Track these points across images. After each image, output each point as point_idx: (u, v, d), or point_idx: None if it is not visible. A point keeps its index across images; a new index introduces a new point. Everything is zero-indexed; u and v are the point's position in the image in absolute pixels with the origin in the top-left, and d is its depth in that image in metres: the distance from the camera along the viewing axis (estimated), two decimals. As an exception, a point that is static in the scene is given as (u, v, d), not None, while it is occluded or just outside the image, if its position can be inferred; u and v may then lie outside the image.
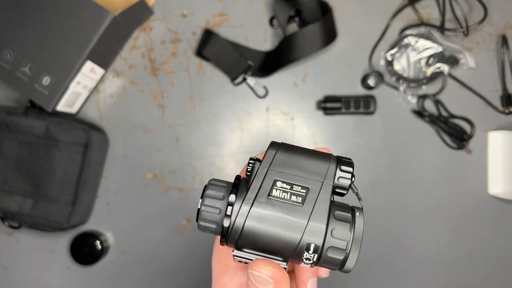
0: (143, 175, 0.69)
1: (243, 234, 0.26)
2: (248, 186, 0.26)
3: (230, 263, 0.31)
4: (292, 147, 0.28)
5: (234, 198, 0.26)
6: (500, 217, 0.70)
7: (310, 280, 0.31)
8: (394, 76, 0.70)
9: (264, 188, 0.26)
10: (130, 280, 0.69)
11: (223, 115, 0.70)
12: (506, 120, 0.71)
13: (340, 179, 0.27)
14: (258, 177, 0.27)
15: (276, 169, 0.27)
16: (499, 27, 0.71)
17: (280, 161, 0.27)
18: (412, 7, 0.70)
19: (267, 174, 0.27)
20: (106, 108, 0.69)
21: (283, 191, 0.26)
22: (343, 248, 0.26)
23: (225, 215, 0.26)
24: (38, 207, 0.63)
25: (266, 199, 0.26)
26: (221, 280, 0.31)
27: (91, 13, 0.60)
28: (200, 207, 0.26)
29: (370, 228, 0.70)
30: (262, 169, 0.27)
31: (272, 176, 0.27)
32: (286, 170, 0.27)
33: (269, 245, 0.26)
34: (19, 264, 0.69)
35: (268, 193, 0.26)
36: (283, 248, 0.26)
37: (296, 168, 0.27)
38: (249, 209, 0.26)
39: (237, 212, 0.26)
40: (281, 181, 0.27)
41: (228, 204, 0.26)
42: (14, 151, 0.62)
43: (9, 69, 0.61)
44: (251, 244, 0.26)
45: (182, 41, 0.70)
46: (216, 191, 0.27)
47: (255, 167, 0.27)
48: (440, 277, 0.70)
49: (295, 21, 0.69)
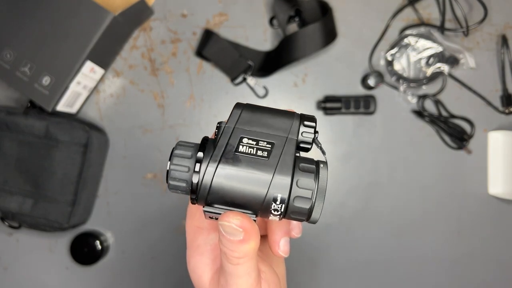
0: (143, 175, 0.69)
1: (212, 190, 0.26)
2: (215, 143, 0.27)
3: (203, 224, 0.32)
4: (257, 107, 0.29)
5: (202, 155, 0.27)
6: (500, 217, 0.70)
7: (282, 239, 0.32)
8: (394, 76, 0.70)
9: (231, 144, 0.27)
10: (130, 280, 0.69)
11: (223, 115, 0.70)
12: (506, 120, 0.71)
13: (303, 134, 0.28)
14: (225, 135, 0.27)
15: (242, 127, 0.28)
16: (499, 27, 0.71)
17: (245, 119, 0.28)
18: (412, 7, 0.70)
19: (233, 131, 0.27)
20: (106, 108, 0.69)
21: (249, 147, 0.27)
22: (308, 197, 0.27)
23: (194, 172, 0.26)
24: (38, 207, 0.63)
25: (233, 154, 0.27)
26: (195, 243, 0.32)
27: (91, 13, 0.60)
28: (169, 166, 0.27)
29: (369, 227, 0.70)
30: (228, 127, 0.28)
31: (238, 133, 0.27)
32: (252, 128, 0.28)
33: (238, 199, 0.27)
34: (19, 264, 0.69)
35: (235, 149, 0.27)
36: (252, 201, 0.27)
37: (262, 125, 0.28)
38: (216, 165, 0.26)
39: (205, 168, 0.26)
40: (247, 138, 0.27)
41: (196, 161, 0.27)
42: (14, 151, 0.62)
43: (9, 69, 0.61)
44: (221, 199, 0.27)
45: (182, 41, 0.70)
46: (184, 150, 0.28)
47: (221, 126, 0.28)
48: (440, 277, 0.70)
49: (295, 21, 0.69)
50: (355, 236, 0.70)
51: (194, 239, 0.32)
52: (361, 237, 0.70)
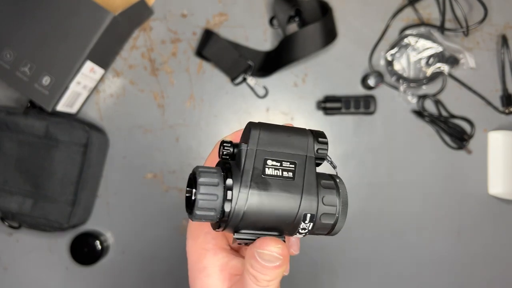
0: (143, 175, 0.69)
1: (245, 216, 0.26)
2: (242, 168, 0.27)
3: (208, 246, 0.31)
4: (271, 126, 0.29)
5: (232, 182, 0.26)
6: (500, 217, 0.70)
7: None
8: (394, 76, 0.70)
9: (257, 168, 0.27)
10: (130, 280, 0.69)
11: (223, 115, 0.70)
12: (506, 120, 0.71)
13: (319, 151, 0.29)
14: (249, 158, 0.27)
15: (264, 149, 0.27)
16: (499, 27, 0.71)
17: (265, 140, 0.28)
18: (412, 7, 0.70)
19: (256, 154, 0.27)
20: (106, 108, 0.69)
21: (275, 169, 0.27)
22: (333, 213, 0.28)
23: (226, 200, 0.26)
24: (38, 207, 0.63)
25: (261, 178, 0.27)
26: (199, 264, 0.31)
27: (91, 13, 0.60)
28: (196, 196, 0.26)
29: (370, 227, 0.70)
30: (251, 150, 0.27)
31: (261, 155, 0.27)
32: (273, 148, 0.28)
33: (269, 223, 0.27)
34: (19, 264, 0.69)
35: (262, 172, 0.27)
36: (283, 223, 0.27)
37: (281, 145, 0.28)
38: (248, 190, 0.26)
39: (237, 195, 0.26)
40: (271, 159, 0.27)
41: (226, 189, 0.26)
42: (14, 151, 0.62)
43: (9, 69, 0.61)
44: (252, 225, 0.27)
45: (182, 41, 0.70)
46: (209, 178, 0.26)
47: (243, 149, 0.27)
48: (440, 277, 0.70)
49: (295, 21, 0.69)
50: (355, 236, 0.70)
51: (198, 261, 0.31)
52: (361, 237, 0.70)
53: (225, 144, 0.28)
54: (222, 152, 0.28)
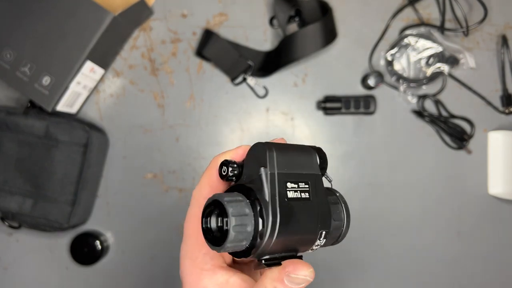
0: (143, 175, 0.69)
1: (274, 243, 0.26)
2: (266, 193, 0.26)
3: (206, 266, 0.31)
4: (282, 146, 0.29)
5: (261, 210, 0.26)
6: (500, 217, 0.70)
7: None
8: (394, 76, 0.70)
9: (281, 192, 0.26)
10: (130, 280, 0.69)
11: (223, 115, 0.70)
12: (506, 120, 0.71)
13: (321, 166, 0.30)
14: (272, 183, 0.26)
15: (282, 171, 0.27)
16: (499, 27, 0.71)
17: (281, 162, 0.27)
18: (412, 7, 0.70)
19: (277, 178, 0.27)
20: (106, 108, 0.69)
21: (294, 191, 0.27)
22: (341, 227, 0.29)
23: (259, 230, 0.25)
24: (38, 207, 0.63)
25: (286, 203, 0.26)
26: (200, 284, 0.31)
27: (91, 13, 0.60)
28: (229, 228, 0.25)
29: (370, 227, 0.70)
30: (272, 175, 0.27)
31: (282, 178, 0.27)
32: (289, 170, 0.28)
33: (293, 245, 0.27)
34: (19, 264, 0.69)
35: (285, 196, 0.27)
36: (303, 243, 0.27)
37: (295, 165, 0.28)
38: (278, 218, 0.26)
39: (269, 224, 0.25)
40: (290, 182, 0.27)
41: (257, 218, 0.25)
42: (14, 151, 0.62)
43: (9, 69, 0.61)
44: (279, 249, 0.27)
45: (182, 41, 0.70)
46: (239, 208, 0.25)
47: (263, 174, 0.27)
48: (440, 277, 0.70)
49: (295, 21, 0.69)
50: (354, 236, 0.70)
51: (197, 282, 0.31)
52: (360, 237, 0.70)
53: (230, 164, 0.28)
54: (228, 174, 0.28)
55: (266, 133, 0.70)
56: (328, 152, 0.71)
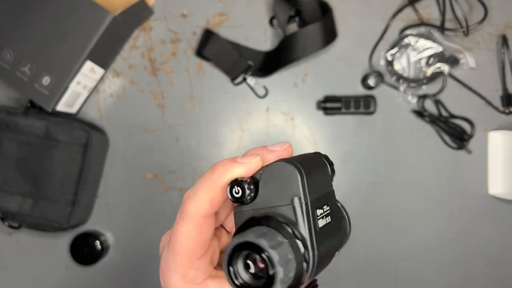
0: (143, 175, 0.69)
1: (311, 275, 0.25)
2: (306, 230, 0.24)
3: (198, 280, 0.29)
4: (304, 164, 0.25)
5: (303, 249, 0.24)
6: (500, 217, 0.70)
7: None
8: (394, 76, 0.70)
9: (315, 224, 0.25)
10: (130, 280, 0.69)
11: (223, 115, 0.70)
12: (506, 120, 0.71)
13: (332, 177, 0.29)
14: (307, 215, 0.24)
15: (311, 198, 0.25)
16: (499, 27, 0.71)
17: (310, 187, 0.25)
18: (412, 7, 0.70)
19: (309, 207, 0.25)
20: (106, 108, 0.69)
21: (322, 218, 0.26)
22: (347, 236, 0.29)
23: (303, 271, 0.24)
24: (38, 207, 0.63)
25: (319, 234, 0.25)
26: None
27: (91, 13, 0.60)
28: (278, 274, 0.22)
29: (370, 228, 0.70)
30: (306, 205, 0.25)
31: (313, 207, 0.25)
32: (316, 194, 0.26)
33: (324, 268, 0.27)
34: (19, 264, 0.69)
35: (317, 226, 0.25)
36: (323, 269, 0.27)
37: (318, 187, 0.26)
38: (316, 253, 0.24)
39: (313, 267, 0.24)
40: (318, 208, 0.25)
41: (303, 261, 0.24)
42: (14, 151, 0.62)
43: (9, 69, 0.61)
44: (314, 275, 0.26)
45: (182, 41, 0.70)
46: (282, 252, 0.23)
47: (296, 205, 0.24)
48: (440, 277, 0.70)
49: (295, 21, 0.68)
50: (354, 236, 0.70)
51: None
52: (360, 237, 0.70)
53: (247, 186, 0.25)
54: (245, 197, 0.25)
55: (266, 133, 0.70)
56: (328, 152, 0.71)
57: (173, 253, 0.29)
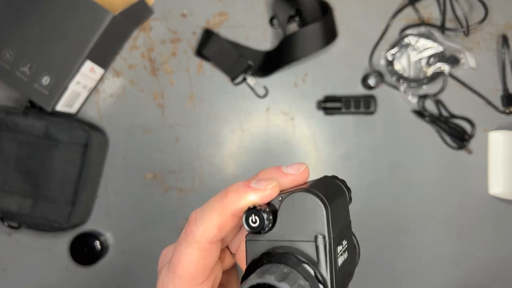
0: (143, 175, 0.69)
1: None
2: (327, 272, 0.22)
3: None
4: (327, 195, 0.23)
5: None
6: (500, 217, 0.70)
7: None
8: (394, 76, 0.69)
9: (336, 263, 0.23)
10: (130, 280, 0.69)
11: (223, 115, 0.70)
12: (507, 120, 0.70)
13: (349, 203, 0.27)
14: (330, 254, 0.23)
15: (333, 236, 0.23)
16: (499, 27, 0.71)
17: (332, 223, 0.23)
18: (413, 6, 0.70)
19: (332, 245, 0.23)
20: (106, 108, 0.69)
21: (341, 255, 0.24)
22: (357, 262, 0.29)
23: None
24: (38, 207, 0.63)
25: (339, 272, 0.24)
26: None
27: (90, 13, 0.60)
28: None
29: (370, 228, 0.70)
30: (330, 245, 0.23)
31: (335, 243, 0.23)
32: (337, 230, 0.24)
33: None
34: (19, 264, 0.69)
35: (337, 264, 0.24)
36: None
37: (339, 220, 0.24)
38: None
39: None
40: (338, 245, 0.24)
41: None
42: (14, 151, 0.62)
43: (9, 69, 0.61)
44: None
45: (182, 41, 0.70)
46: None
47: (320, 244, 0.22)
48: (440, 277, 0.70)
49: (295, 21, 0.68)
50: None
51: None
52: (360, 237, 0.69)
53: (266, 216, 0.22)
54: (263, 228, 0.23)
55: (266, 133, 0.70)
56: (328, 152, 0.71)
57: (173, 275, 0.27)
